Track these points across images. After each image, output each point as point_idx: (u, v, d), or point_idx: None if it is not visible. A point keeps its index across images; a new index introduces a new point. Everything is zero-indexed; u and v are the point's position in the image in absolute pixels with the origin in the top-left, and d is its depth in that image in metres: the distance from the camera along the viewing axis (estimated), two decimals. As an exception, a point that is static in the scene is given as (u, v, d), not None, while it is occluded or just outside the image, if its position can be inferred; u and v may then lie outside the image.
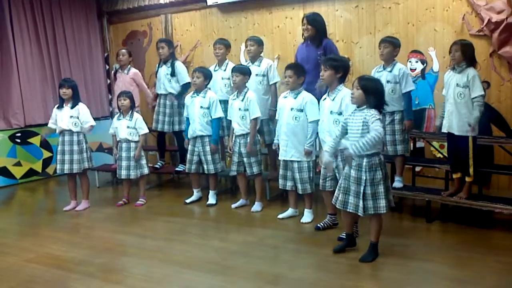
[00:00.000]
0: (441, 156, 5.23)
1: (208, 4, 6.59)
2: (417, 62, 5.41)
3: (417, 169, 5.23)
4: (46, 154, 7.12)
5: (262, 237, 4.13)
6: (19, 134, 6.81)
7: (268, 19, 6.36)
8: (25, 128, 6.87)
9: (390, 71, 4.42)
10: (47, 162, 7.13)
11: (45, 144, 7.07)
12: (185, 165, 5.46)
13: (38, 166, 7.04)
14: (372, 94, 3.38)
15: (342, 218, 3.78)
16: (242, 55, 6.50)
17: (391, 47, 4.41)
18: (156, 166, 6.21)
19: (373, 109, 3.37)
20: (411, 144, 5.07)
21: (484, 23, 4.93)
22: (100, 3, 7.77)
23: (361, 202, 3.40)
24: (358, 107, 3.45)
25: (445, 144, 5.15)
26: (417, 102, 5.40)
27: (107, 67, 7.95)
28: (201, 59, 6.90)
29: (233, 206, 5.05)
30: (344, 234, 3.85)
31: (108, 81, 7.93)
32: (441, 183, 4.94)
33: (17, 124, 6.76)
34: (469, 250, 3.63)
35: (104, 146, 7.63)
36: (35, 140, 7.00)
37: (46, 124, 7.01)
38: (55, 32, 7.15)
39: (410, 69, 5.41)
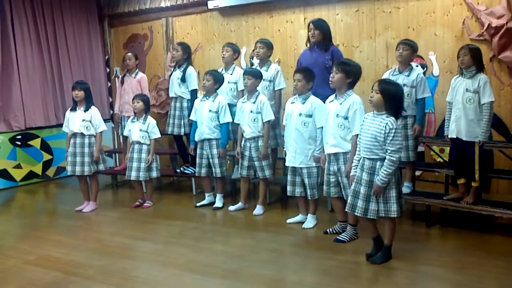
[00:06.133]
0: (441, 160, 5.23)
1: (209, 7, 6.59)
2: (417, 66, 5.41)
3: (417, 173, 5.23)
4: (46, 156, 7.12)
5: (262, 241, 4.13)
6: (19, 137, 6.82)
7: (268, 23, 6.37)
8: (26, 131, 6.87)
9: (408, 75, 4.38)
10: (47, 165, 7.13)
11: (45, 147, 7.08)
12: (193, 167, 5.45)
13: (38, 169, 7.04)
14: (391, 98, 3.34)
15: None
16: (242, 58, 6.51)
17: (410, 50, 4.36)
18: (186, 171, 5.93)
19: (393, 117, 3.33)
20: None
21: (484, 28, 4.94)
22: (101, 6, 7.79)
23: (372, 205, 3.41)
24: (376, 111, 3.42)
25: (445, 148, 5.18)
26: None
27: (108, 70, 7.96)
28: (201, 62, 6.91)
29: (231, 208, 5.05)
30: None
31: (109, 84, 7.95)
32: (441, 187, 4.93)
33: (18, 126, 6.77)
34: (469, 254, 3.62)
35: (104, 149, 7.60)
36: (36, 143, 7.01)
37: (47, 127, 7.09)
38: (56, 35, 7.17)
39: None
